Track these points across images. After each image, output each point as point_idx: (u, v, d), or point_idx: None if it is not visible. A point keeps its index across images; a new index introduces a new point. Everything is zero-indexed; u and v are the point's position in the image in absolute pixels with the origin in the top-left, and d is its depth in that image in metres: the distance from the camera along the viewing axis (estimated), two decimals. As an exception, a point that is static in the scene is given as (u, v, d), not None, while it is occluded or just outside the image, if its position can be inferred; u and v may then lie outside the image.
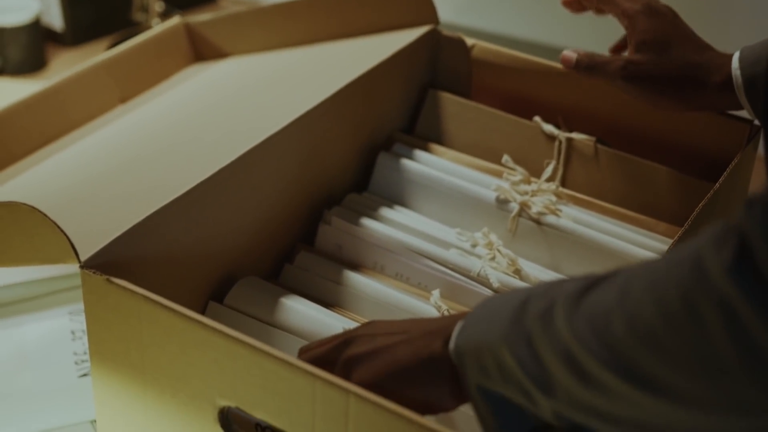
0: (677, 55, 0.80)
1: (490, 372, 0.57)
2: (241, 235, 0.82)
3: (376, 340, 0.64)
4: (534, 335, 0.54)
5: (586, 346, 0.51)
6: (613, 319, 0.51)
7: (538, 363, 0.54)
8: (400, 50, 0.94)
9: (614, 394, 0.51)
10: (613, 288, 0.52)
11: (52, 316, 0.97)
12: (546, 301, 0.55)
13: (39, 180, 0.83)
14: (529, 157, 0.91)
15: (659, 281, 0.50)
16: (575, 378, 0.52)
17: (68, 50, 1.42)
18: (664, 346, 0.48)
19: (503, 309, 0.58)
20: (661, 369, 0.49)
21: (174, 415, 0.68)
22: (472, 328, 0.59)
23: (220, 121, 0.89)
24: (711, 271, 0.47)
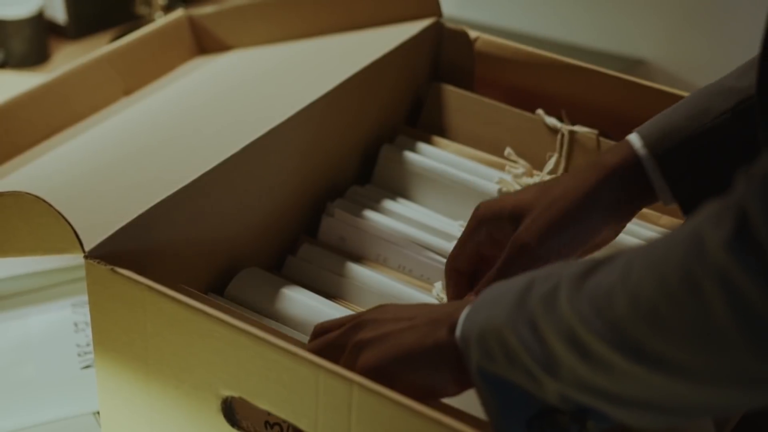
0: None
1: (495, 356, 0.57)
2: (245, 226, 0.82)
3: (384, 326, 0.65)
4: (538, 317, 0.55)
5: (590, 326, 0.52)
6: (616, 299, 0.51)
7: (542, 345, 0.55)
8: (404, 43, 0.94)
9: (619, 372, 0.51)
10: (615, 268, 0.52)
11: (55, 308, 0.97)
12: (549, 283, 0.56)
13: (44, 171, 0.83)
14: (531, 150, 0.91)
15: (660, 259, 0.50)
16: (579, 358, 0.53)
17: (71, 43, 1.42)
18: (667, 322, 0.49)
19: (507, 293, 0.58)
20: (664, 346, 0.49)
21: (177, 405, 0.69)
22: (477, 314, 0.60)
23: (223, 113, 0.89)
24: (710, 247, 0.47)
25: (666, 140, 0.74)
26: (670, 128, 0.74)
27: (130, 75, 1.00)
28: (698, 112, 0.74)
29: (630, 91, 0.91)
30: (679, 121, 0.74)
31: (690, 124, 0.74)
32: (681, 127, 0.74)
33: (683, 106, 0.75)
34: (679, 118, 0.74)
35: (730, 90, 0.74)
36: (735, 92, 0.73)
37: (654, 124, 0.75)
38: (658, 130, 0.74)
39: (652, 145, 0.74)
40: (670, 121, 0.75)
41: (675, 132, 0.74)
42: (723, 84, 0.75)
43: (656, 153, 0.73)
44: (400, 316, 0.65)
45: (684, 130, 0.73)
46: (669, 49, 1.43)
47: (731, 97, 0.73)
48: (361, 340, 0.65)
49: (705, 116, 0.74)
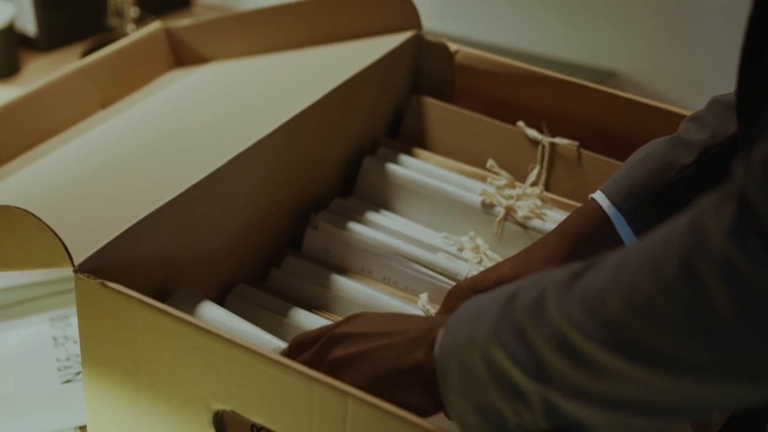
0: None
1: (476, 373, 0.56)
2: (230, 239, 0.82)
3: (359, 343, 0.64)
4: (525, 326, 0.54)
5: (581, 328, 0.51)
6: (609, 297, 0.51)
7: (530, 354, 0.54)
8: (384, 55, 0.94)
9: (613, 374, 0.51)
10: (606, 268, 0.52)
11: (33, 322, 0.96)
12: (534, 291, 0.55)
13: (25, 184, 0.82)
14: (512, 162, 0.92)
15: (655, 253, 0.49)
16: (571, 364, 0.52)
17: (42, 56, 1.41)
18: (665, 316, 0.48)
19: (489, 307, 0.57)
20: (662, 341, 0.49)
21: (168, 420, 0.68)
22: (457, 330, 0.58)
23: (205, 126, 0.89)
24: (711, 235, 0.47)
25: (632, 197, 0.75)
26: (633, 185, 0.75)
27: (108, 87, 0.99)
28: (661, 167, 0.76)
29: (608, 102, 0.92)
30: (643, 178, 0.76)
31: (653, 180, 0.75)
32: (645, 183, 0.75)
33: (644, 161, 0.77)
34: (642, 174, 0.76)
35: (690, 143, 0.76)
36: (696, 144, 0.75)
37: (615, 182, 0.76)
38: (623, 188, 0.75)
39: (619, 204, 0.75)
40: (632, 178, 0.76)
41: (639, 189, 0.75)
42: (683, 136, 0.77)
43: (625, 211, 0.75)
44: (376, 331, 0.64)
45: (648, 186, 0.75)
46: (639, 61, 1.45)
47: (693, 150, 0.75)
48: (335, 359, 0.64)
49: (668, 171, 0.75)
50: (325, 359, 0.65)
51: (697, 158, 0.75)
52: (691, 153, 0.75)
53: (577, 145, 0.91)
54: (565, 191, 0.91)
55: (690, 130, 0.77)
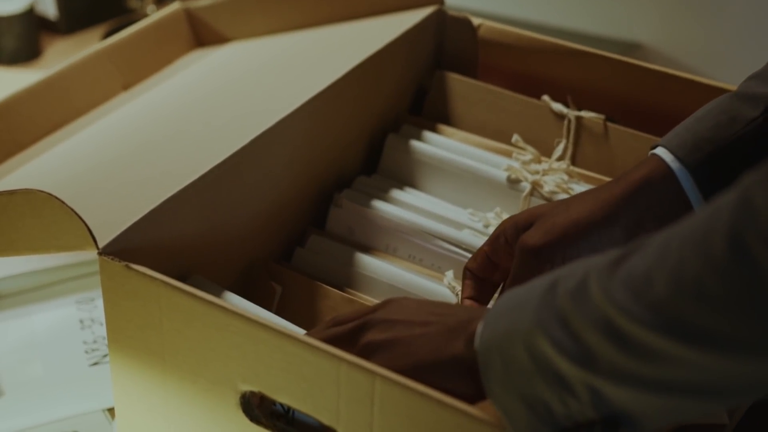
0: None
1: (520, 364, 0.55)
2: (253, 219, 0.82)
3: (396, 328, 0.63)
4: (568, 313, 0.53)
5: (627, 311, 0.50)
6: (655, 279, 0.50)
7: (575, 341, 0.53)
8: (406, 31, 0.93)
9: (662, 356, 0.50)
10: (650, 251, 0.51)
11: (60, 305, 0.96)
12: (576, 278, 0.54)
13: (48, 168, 0.82)
14: (538, 137, 0.91)
15: (701, 231, 0.49)
16: (618, 348, 0.51)
17: (62, 39, 1.41)
18: (714, 293, 0.47)
19: (530, 297, 0.56)
20: (712, 318, 0.48)
21: (195, 401, 0.68)
22: (497, 323, 0.57)
23: (226, 106, 0.88)
24: (760, 207, 0.46)
25: (697, 151, 0.72)
26: (698, 139, 0.73)
27: (129, 69, 0.99)
28: (726, 121, 0.73)
29: (635, 74, 0.91)
30: (707, 131, 0.73)
31: (719, 133, 0.72)
32: (710, 137, 0.72)
33: (707, 116, 0.74)
34: (706, 128, 0.73)
35: (757, 96, 0.73)
36: (762, 98, 0.73)
37: (679, 135, 0.74)
38: (687, 142, 0.73)
39: (683, 158, 0.72)
40: (696, 132, 0.73)
41: (704, 142, 0.72)
42: (746, 91, 0.74)
43: (689, 165, 0.72)
44: (414, 319, 0.63)
45: (714, 139, 0.72)
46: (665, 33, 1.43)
47: (759, 103, 0.72)
48: (370, 342, 0.63)
49: (735, 124, 0.72)
50: (359, 341, 0.64)
51: (764, 111, 0.72)
52: (757, 106, 0.72)
53: (603, 119, 0.90)
54: (592, 165, 0.90)
55: (753, 86, 0.74)
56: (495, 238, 0.75)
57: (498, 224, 0.84)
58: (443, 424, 0.58)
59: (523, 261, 0.72)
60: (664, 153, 0.73)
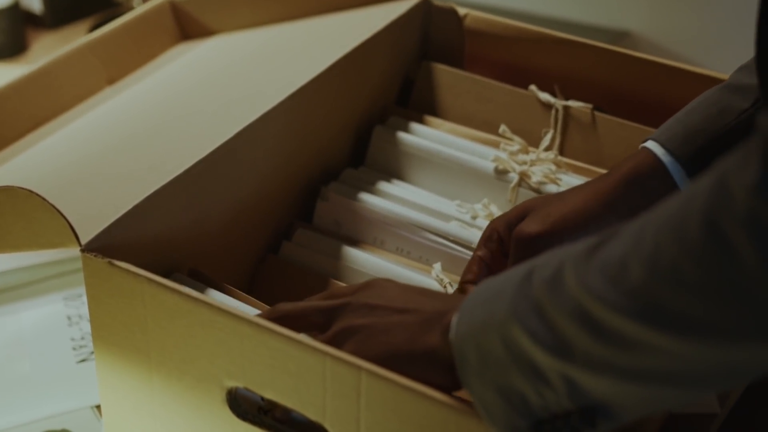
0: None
1: (496, 356, 0.54)
2: (239, 213, 0.81)
3: (374, 314, 0.62)
4: (543, 303, 0.53)
5: (602, 299, 0.50)
6: (630, 265, 0.49)
7: (551, 330, 0.52)
8: (392, 22, 0.93)
9: (638, 344, 0.49)
10: (625, 237, 0.50)
11: (47, 302, 0.96)
12: (551, 267, 0.54)
13: (32, 164, 0.81)
14: (525, 127, 0.91)
15: (676, 216, 0.48)
16: (593, 336, 0.50)
17: (48, 33, 1.40)
18: (690, 278, 0.47)
19: (505, 287, 0.56)
20: (688, 304, 0.47)
21: (181, 397, 0.68)
22: (473, 314, 0.57)
23: (211, 99, 0.87)
24: (735, 191, 0.45)
25: (688, 144, 0.72)
26: (689, 132, 0.72)
27: (113, 63, 0.98)
28: (717, 113, 0.72)
29: (622, 63, 0.91)
30: (698, 123, 0.72)
31: (710, 126, 0.72)
32: (700, 129, 0.72)
33: (697, 109, 0.74)
34: (697, 121, 0.73)
35: (747, 87, 0.72)
36: (752, 89, 0.72)
37: (669, 128, 0.73)
38: (677, 135, 0.72)
39: (674, 151, 0.72)
40: (687, 125, 0.73)
41: (696, 135, 0.72)
42: (736, 82, 0.74)
43: (680, 158, 0.72)
44: (392, 305, 0.62)
45: (704, 132, 0.72)
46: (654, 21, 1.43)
47: (749, 94, 0.72)
48: (348, 327, 0.62)
49: (725, 116, 0.72)
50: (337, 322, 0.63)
51: (754, 102, 0.72)
52: (748, 97, 0.72)
53: (591, 108, 0.89)
54: (580, 155, 0.89)
55: (743, 77, 0.74)
56: (487, 239, 0.74)
57: (486, 215, 0.84)
58: (430, 418, 0.58)
59: (519, 251, 0.71)
60: (654, 146, 0.73)
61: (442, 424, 0.57)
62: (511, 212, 0.74)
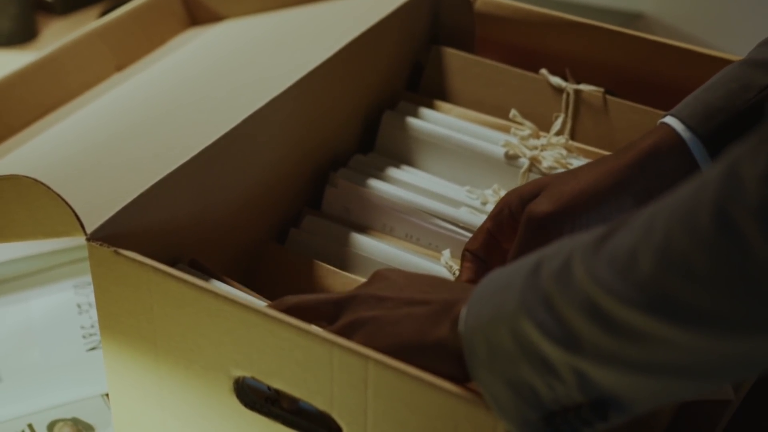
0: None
1: (505, 349, 0.54)
2: (247, 200, 0.81)
3: (383, 305, 0.62)
4: (552, 295, 0.52)
5: (611, 290, 0.49)
6: (640, 256, 0.48)
7: (560, 323, 0.51)
8: (401, 6, 0.92)
9: (648, 336, 0.48)
10: (635, 227, 0.49)
11: (57, 290, 0.96)
12: (560, 259, 0.52)
13: (39, 152, 0.81)
14: (536, 111, 0.90)
15: (687, 205, 0.47)
16: (602, 328, 0.50)
17: (59, 19, 1.39)
18: (701, 269, 0.46)
19: (514, 279, 0.55)
20: (699, 296, 0.46)
21: (189, 386, 0.67)
22: (481, 306, 0.56)
23: (220, 85, 0.87)
24: (747, 180, 0.44)
25: (708, 120, 0.70)
26: (709, 108, 0.71)
27: (122, 50, 0.97)
28: (738, 89, 0.71)
29: (634, 45, 0.89)
30: (719, 100, 0.71)
31: (731, 102, 0.70)
32: (721, 105, 0.70)
33: (717, 85, 0.72)
34: (718, 97, 0.71)
35: (767, 63, 0.71)
36: None
37: (689, 105, 0.72)
38: (698, 111, 0.71)
39: (695, 127, 0.70)
40: (707, 101, 0.71)
41: (716, 111, 0.70)
42: (756, 59, 0.72)
43: (702, 135, 0.70)
44: (401, 296, 0.62)
45: (726, 108, 0.70)
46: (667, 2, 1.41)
47: None
48: (357, 319, 0.62)
49: (747, 92, 0.70)
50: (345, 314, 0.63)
51: None
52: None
53: (602, 92, 0.88)
54: (592, 139, 0.88)
55: (764, 52, 0.72)
56: (498, 212, 0.73)
57: (496, 201, 0.83)
58: (438, 408, 0.57)
59: (529, 231, 0.70)
60: (674, 122, 0.71)
61: (451, 414, 0.57)
62: (524, 187, 0.73)
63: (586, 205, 0.69)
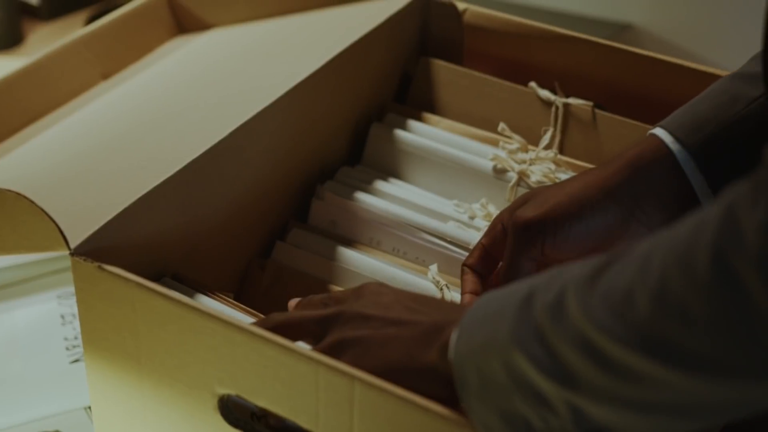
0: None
1: (497, 380, 0.53)
2: (233, 213, 0.80)
3: (369, 325, 0.61)
4: (545, 329, 0.51)
5: (607, 330, 0.48)
6: (637, 297, 0.47)
7: (554, 358, 0.50)
8: (390, 17, 0.91)
9: (643, 377, 0.48)
10: (630, 264, 0.49)
11: (41, 300, 0.95)
12: (553, 292, 0.52)
13: (23, 162, 0.80)
14: (525, 124, 0.89)
15: (684, 248, 0.46)
16: (597, 367, 0.49)
17: (45, 25, 1.39)
18: (699, 316, 0.45)
19: (505, 308, 0.54)
20: (697, 342, 0.46)
21: (173, 404, 0.67)
22: (472, 333, 0.55)
23: (206, 95, 0.86)
24: (746, 229, 0.44)
25: (697, 132, 0.70)
26: (698, 119, 0.70)
27: (108, 58, 0.97)
28: (727, 101, 0.70)
29: (624, 60, 0.89)
30: (707, 111, 0.70)
31: (720, 114, 0.70)
32: (710, 117, 0.70)
33: (707, 97, 0.72)
34: (707, 109, 0.70)
35: (757, 76, 0.70)
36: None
37: (679, 117, 0.71)
38: (686, 123, 0.70)
39: (683, 138, 0.70)
40: (696, 113, 0.71)
41: (705, 123, 0.70)
42: (746, 72, 0.72)
43: (690, 146, 0.69)
44: (388, 315, 0.61)
45: (714, 120, 0.70)
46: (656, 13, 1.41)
47: (760, 83, 0.70)
48: (343, 339, 0.61)
49: (736, 104, 0.70)
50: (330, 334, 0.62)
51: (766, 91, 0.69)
52: (759, 86, 0.70)
53: (591, 106, 0.88)
54: (581, 154, 0.88)
55: (755, 65, 0.72)
56: (492, 227, 0.73)
57: (484, 215, 0.83)
58: (424, 429, 0.57)
59: (515, 236, 0.70)
60: (662, 133, 0.71)
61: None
62: (516, 200, 0.73)
63: (570, 212, 0.69)
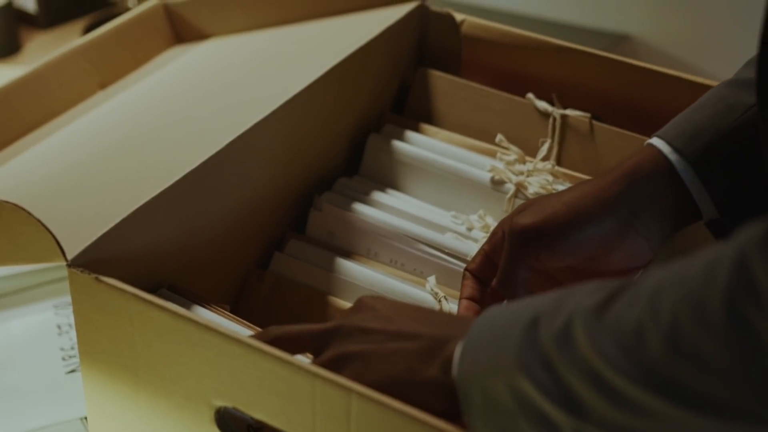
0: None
1: (503, 403, 0.53)
2: (231, 225, 0.80)
3: (370, 339, 0.61)
4: (552, 358, 0.51)
5: (617, 366, 0.48)
6: (648, 337, 0.47)
7: (561, 386, 0.50)
8: (388, 28, 0.91)
9: (652, 414, 0.48)
10: (640, 300, 0.49)
11: (37, 310, 0.94)
12: (559, 319, 0.52)
13: (20, 172, 0.80)
14: (522, 136, 0.89)
15: (696, 290, 0.46)
16: (606, 399, 0.49)
17: (42, 33, 1.39)
18: (712, 361, 0.45)
19: (510, 330, 0.54)
20: (709, 385, 0.46)
21: (169, 416, 0.66)
22: (476, 354, 0.55)
23: (204, 105, 0.86)
24: (758, 279, 0.44)
25: (695, 141, 0.69)
26: (695, 129, 0.70)
27: (106, 67, 0.97)
28: (724, 108, 0.70)
29: (622, 71, 0.89)
30: (704, 120, 0.70)
31: (717, 122, 0.70)
32: (708, 126, 0.70)
33: (703, 106, 0.71)
34: (704, 117, 0.70)
35: (752, 83, 0.70)
36: None
37: (676, 127, 0.71)
38: (684, 132, 0.70)
39: (682, 148, 0.69)
40: (693, 122, 0.71)
41: (702, 132, 0.69)
42: (741, 79, 0.71)
43: (689, 156, 0.69)
44: (388, 329, 0.60)
45: (712, 128, 0.69)
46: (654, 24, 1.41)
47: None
48: (343, 353, 0.61)
49: (732, 111, 0.70)
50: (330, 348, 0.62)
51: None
52: (754, 92, 0.70)
53: (589, 117, 0.88)
54: (578, 165, 0.88)
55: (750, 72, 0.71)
56: (493, 234, 0.73)
57: (482, 227, 0.83)
58: (421, 442, 0.57)
59: (510, 242, 0.70)
60: (659, 143, 0.71)
61: (435, 448, 0.56)
62: (518, 208, 0.73)
63: (566, 222, 0.69)
